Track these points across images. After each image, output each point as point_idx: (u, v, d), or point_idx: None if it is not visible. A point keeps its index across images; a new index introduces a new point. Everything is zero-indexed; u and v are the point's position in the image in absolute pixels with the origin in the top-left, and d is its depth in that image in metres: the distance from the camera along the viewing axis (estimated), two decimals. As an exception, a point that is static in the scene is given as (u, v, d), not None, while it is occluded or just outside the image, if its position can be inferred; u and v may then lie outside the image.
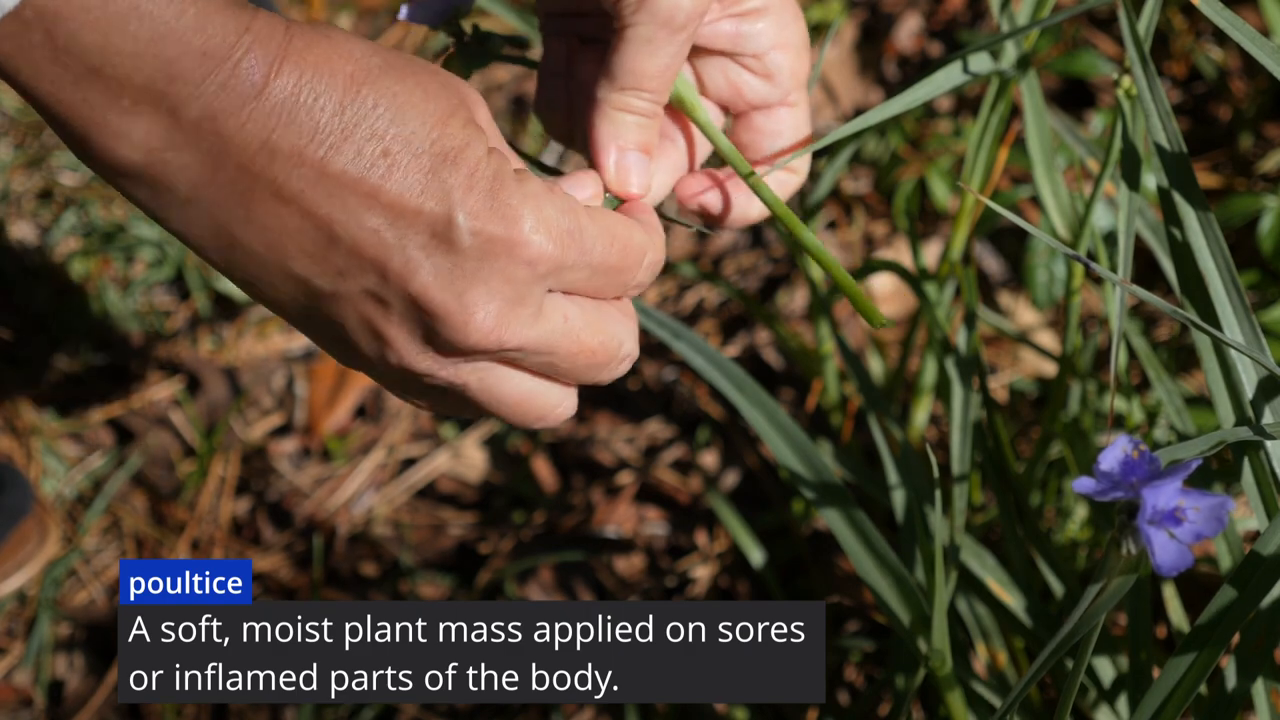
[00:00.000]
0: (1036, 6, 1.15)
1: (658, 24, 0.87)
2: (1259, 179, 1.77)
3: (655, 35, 0.87)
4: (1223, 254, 0.93)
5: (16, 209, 2.02)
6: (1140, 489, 0.75)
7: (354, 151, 0.75)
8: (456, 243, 0.77)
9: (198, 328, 1.93)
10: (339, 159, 0.75)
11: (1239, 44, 0.90)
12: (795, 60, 0.95)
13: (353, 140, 0.75)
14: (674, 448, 1.77)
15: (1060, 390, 1.31)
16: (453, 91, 0.79)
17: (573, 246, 0.80)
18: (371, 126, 0.76)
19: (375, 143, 0.76)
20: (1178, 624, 1.26)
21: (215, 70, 0.72)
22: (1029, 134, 1.20)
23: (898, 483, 1.21)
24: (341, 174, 0.75)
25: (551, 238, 0.78)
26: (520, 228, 0.77)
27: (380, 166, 0.76)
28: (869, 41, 2.05)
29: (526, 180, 0.79)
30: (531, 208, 0.78)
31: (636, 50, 0.88)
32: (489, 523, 1.76)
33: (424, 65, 0.79)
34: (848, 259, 1.87)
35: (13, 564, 1.72)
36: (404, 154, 0.76)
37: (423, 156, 0.77)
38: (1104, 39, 1.92)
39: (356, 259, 0.77)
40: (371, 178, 0.76)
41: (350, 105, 0.75)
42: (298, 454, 1.84)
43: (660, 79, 0.89)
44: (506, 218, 0.77)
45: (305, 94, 0.74)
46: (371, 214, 0.76)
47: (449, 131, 0.77)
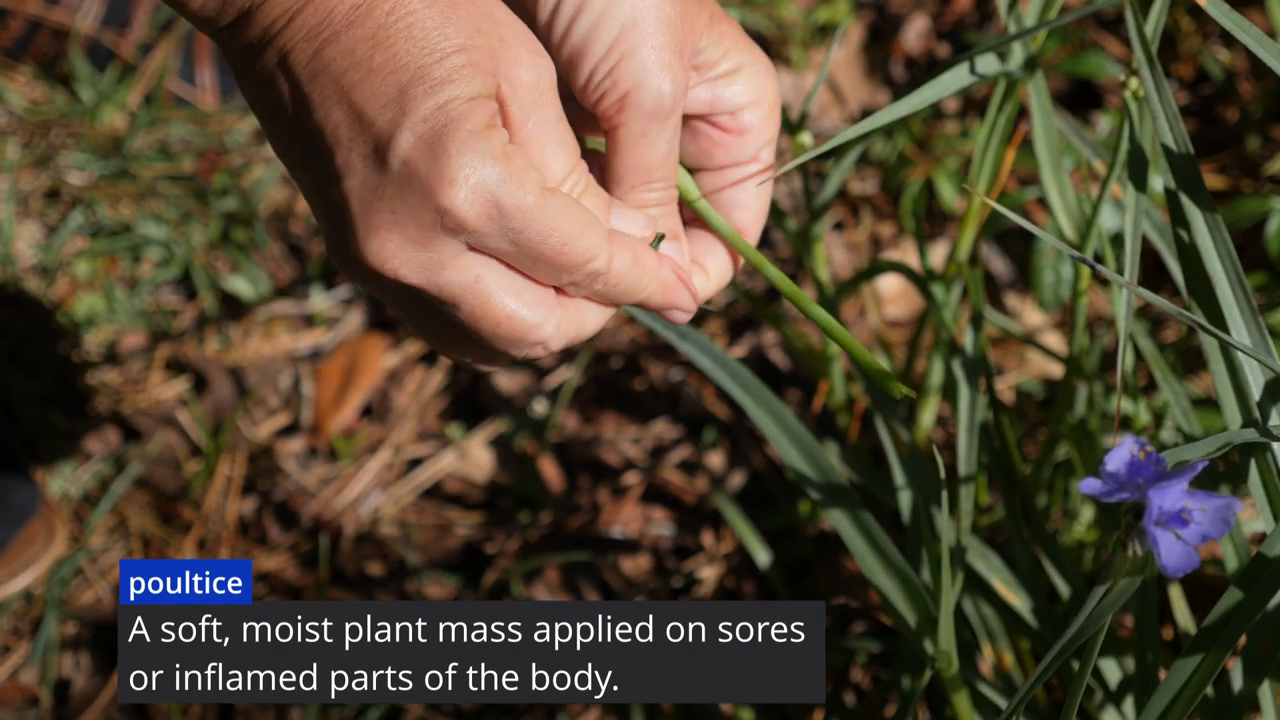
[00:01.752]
0: (1044, 8, 1.15)
1: (646, 117, 0.87)
2: (1266, 181, 1.77)
3: (647, 129, 0.87)
4: (1230, 256, 0.93)
5: (24, 208, 2.03)
6: (1146, 490, 0.75)
7: (349, 46, 0.78)
8: (388, 164, 0.79)
9: (204, 327, 1.93)
10: (333, 48, 0.78)
11: (1246, 46, 0.90)
12: (767, 117, 0.93)
13: (351, 35, 0.78)
14: (680, 448, 1.77)
15: (1067, 391, 1.31)
16: (489, 34, 0.80)
17: (496, 218, 0.80)
18: (373, 30, 0.78)
19: (367, 45, 0.78)
20: (1184, 626, 1.26)
21: None
22: (1036, 135, 1.20)
23: (904, 484, 1.20)
24: (330, 62, 0.79)
25: (472, 200, 0.79)
26: (444, 176, 0.78)
27: (362, 68, 0.78)
28: (876, 42, 2.05)
29: (487, 140, 0.79)
30: (468, 163, 0.79)
31: (632, 148, 0.88)
32: (495, 523, 1.76)
33: (488, 1, 0.81)
34: (854, 260, 1.87)
35: (20, 563, 1.72)
36: (387, 66, 0.78)
37: (402, 73, 0.79)
38: (1111, 40, 1.92)
39: (318, 144, 0.80)
40: (351, 76, 0.78)
41: (370, 5, 0.78)
42: (304, 454, 1.84)
43: (664, 167, 0.89)
44: (438, 161, 0.78)
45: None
46: (339, 108, 0.79)
47: (445, 62, 0.79)
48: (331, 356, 1.89)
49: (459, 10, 0.79)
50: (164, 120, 2.08)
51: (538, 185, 0.81)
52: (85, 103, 2.10)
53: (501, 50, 0.80)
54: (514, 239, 0.81)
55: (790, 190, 1.89)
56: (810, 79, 1.99)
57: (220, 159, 2.05)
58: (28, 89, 2.14)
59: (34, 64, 2.14)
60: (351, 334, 1.91)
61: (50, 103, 2.12)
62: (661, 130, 0.87)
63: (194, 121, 2.08)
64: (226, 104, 2.11)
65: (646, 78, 0.86)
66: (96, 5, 2.12)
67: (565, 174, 0.84)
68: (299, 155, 0.82)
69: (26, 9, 2.12)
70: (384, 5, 0.78)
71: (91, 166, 2.04)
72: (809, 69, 2.00)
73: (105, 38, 2.12)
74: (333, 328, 1.92)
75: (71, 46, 2.11)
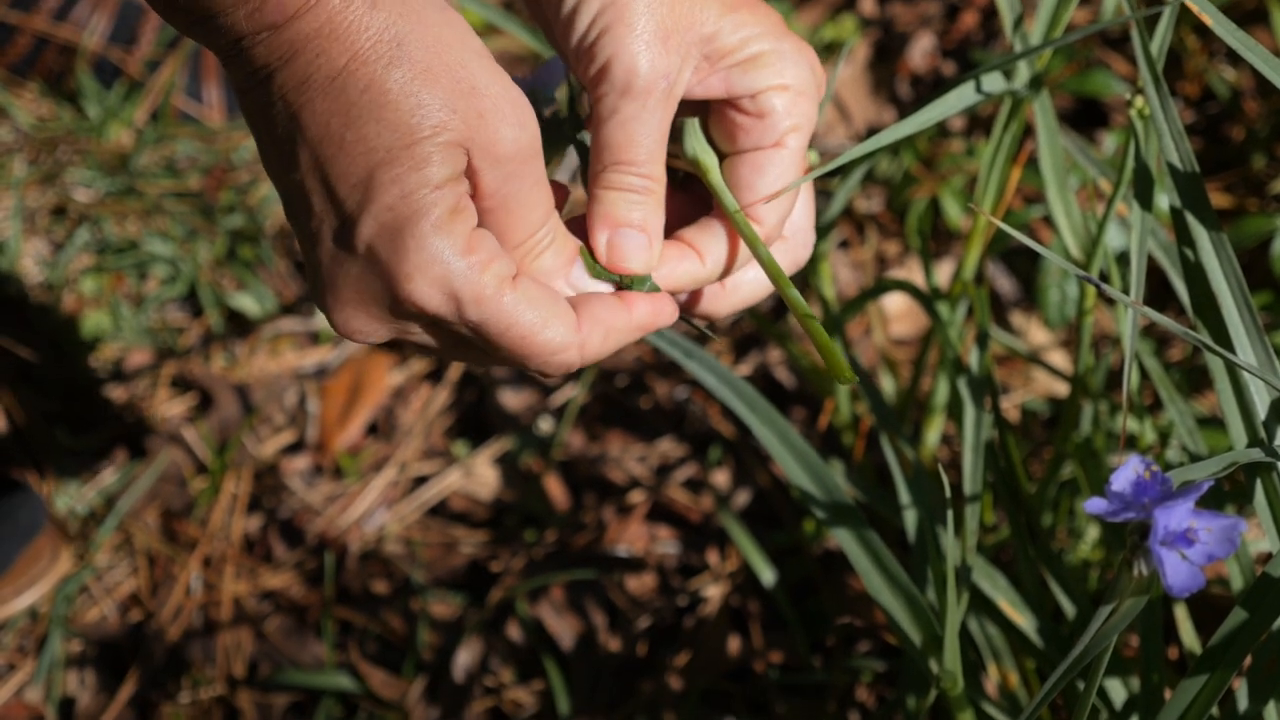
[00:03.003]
0: (1050, 26, 1.15)
1: (618, 93, 0.87)
2: (1272, 199, 1.77)
3: (618, 106, 0.87)
4: (1235, 275, 0.93)
5: (30, 225, 2.03)
6: (1152, 510, 0.75)
7: (323, 117, 0.79)
8: (353, 245, 0.81)
9: (210, 344, 1.93)
10: (309, 114, 0.79)
11: (1252, 64, 0.90)
12: (792, 102, 0.92)
13: (326, 105, 0.79)
14: (686, 466, 1.77)
15: (1073, 410, 1.31)
16: (465, 110, 0.80)
17: (455, 310, 0.82)
18: (346, 105, 0.79)
19: (340, 120, 0.79)
20: (1190, 646, 1.26)
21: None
22: (1042, 154, 1.20)
23: (909, 502, 1.20)
24: (306, 128, 0.79)
25: (430, 293, 0.81)
26: (402, 269, 0.80)
27: (334, 142, 0.79)
28: (882, 60, 2.05)
29: (448, 233, 0.80)
30: (427, 258, 0.80)
31: (605, 124, 0.88)
32: (501, 541, 1.76)
33: (470, 72, 0.80)
34: (860, 278, 1.87)
35: (25, 581, 1.72)
36: (357, 146, 0.79)
37: (371, 155, 0.79)
38: (1117, 58, 1.92)
39: (297, 199, 0.82)
40: (324, 149, 0.79)
41: (346, 76, 0.78)
42: (310, 471, 1.84)
43: (639, 149, 0.88)
44: (398, 253, 0.80)
45: (312, 50, 0.78)
46: (313, 176, 0.80)
47: (413, 149, 0.79)
48: (337, 374, 1.89)
49: (435, 87, 0.79)
50: (170, 137, 2.08)
51: (499, 278, 0.82)
52: (92, 119, 2.10)
53: (479, 125, 0.80)
54: (474, 329, 0.83)
55: (796, 208, 1.89)
56: (816, 97, 1.99)
57: (227, 176, 2.05)
58: (34, 105, 2.14)
59: (41, 80, 2.14)
60: (357, 351, 1.91)
61: (57, 119, 2.12)
62: (635, 110, 0.87)
63: (200, 138, 2.08)
64: (233, 121, 2.11)
65: (621, 53, 0.86)
66: (104, 22, 2.12)
67: (534, 229, 0.85)
68: (281, 198, 0.84)
69: (34, 25, 2.12)
70: (359, 79, 0.78)
71: (98, 183, 2.04)
72: (815, 87, 2.00)
73: (112, 54, 2.12)
74: (338, 345, 1.92)
75: (78, 63, 2.11)
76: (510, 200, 0.83)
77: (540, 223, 0.85)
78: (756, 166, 0.92)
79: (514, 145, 0.81)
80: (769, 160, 0.92)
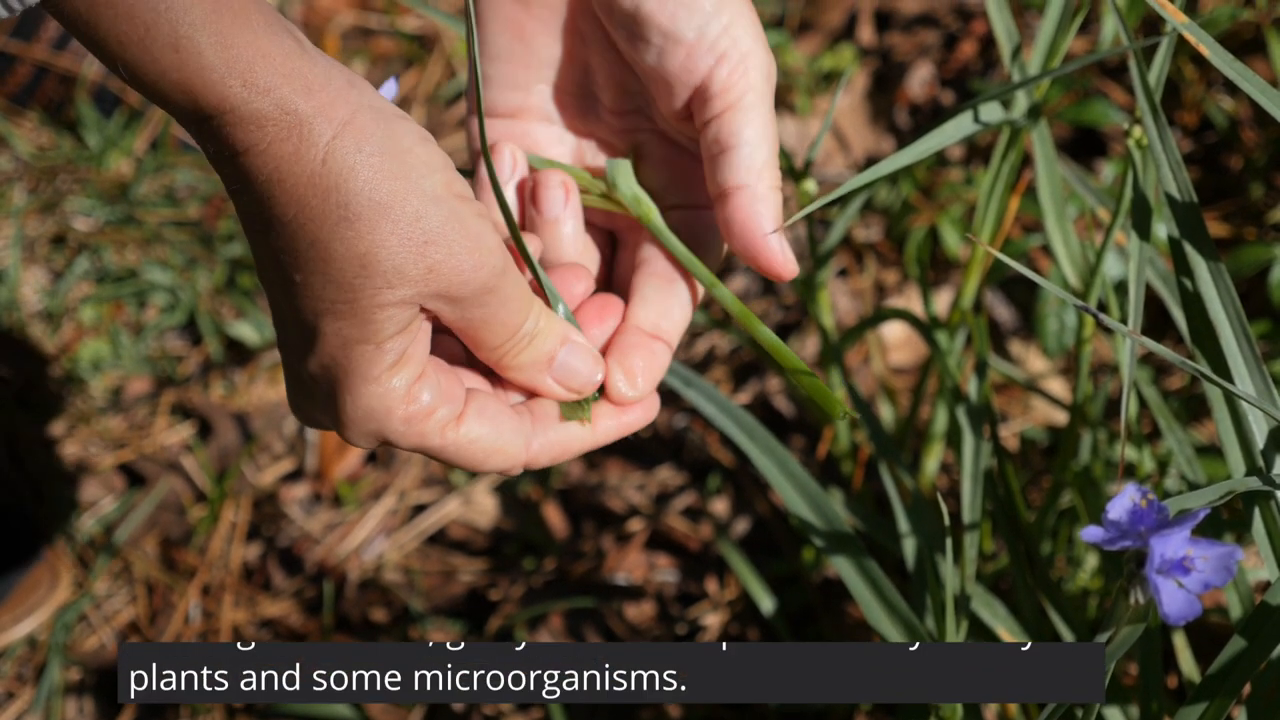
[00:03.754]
0: (1048, 56, 1.15)
1: (765, 79, 0.87)
2: (1270, 229, 1.77)
3: (766, 93, 0.87)
4: (1233, 304, 0.93)
5: (30, 253, 2.03)
6: (1148, 538, 0.75)
7: (273, 251, 0.79)
8: (302, 378, 0.82)
9: (209, 373, 1.93)
10: (263, 244, 0.79)
11: (1249, 95, 0.90)
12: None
13: (277, 242, 0.78)
14: (685, 495, 1.77)
15: (1071, 439, 1.31)
16: (417, 263, 0.78)
17: (391, 445, 0.84)
18: (294, 255, 0.78)
19: (290, 260, 0.78)
20: (1189, 674, 1.26)
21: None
22: (1040, 183, 1.20)
23: (908, 531, 1.20)
24: (259, 250, 0.79)
25: (370, 441, 0.84)
26: (341, 418, 0.82)
27: (284, 281, 0.79)
28: (881, 90, 2.05)
29: (386, 389, 0.81)
30: (363, 414, 0.82)
31: (756, 113, 0.87)
32: (500, 569, 1.76)
33: (423, 225, 0.78)
34: (859, 307, 1.87)
35: (24, 609, 1.72)
36: (304, 291, 0.79)
37: (318, 302, 0.79)
38: (1115, 88, 1.92)
39: (265, 290, 0.82)
40: (274, 275, 0.80)
41: (295, 228, 0.77)
42: (309, 500, 1.84)
43: (777, 139, 0.89)
44: (338, 402, 0.82)
45: (262, 191, 0.77)
46: (273, 290, 0.81)
47: (354, 304, 0.78)
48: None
49: (382, 249, 0.77)
50: (170, 166, 2.08)
51: (440, 425, 0.83)
52: (91, 148, 2.11)
53: (430, 279, 0.79)
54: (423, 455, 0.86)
55: (795, 237, 1.89)
56: (815, 126, 2.00)
57: (226, 205, 2.05)
58: (34, 135, 2.14)
59: (41, 110, 2.15)
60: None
61: (56, 148, 2.12)
62: (769, 94, 0.88)
63: (200, 168, 2.09)
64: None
65: (757, 42, 0.87)
66: (104, 52, 2.13)
67: (510, 334, 0.85)
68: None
69: (33, 54, 2.12)
70: (306, 234, 0.77)
71: (97, 212, 2.05)
72: (814, 116, 2.01)
73: (112, 84, 2.12)
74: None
75: (78, 92, 2.12)
76: (476, 323, 0.83)
77: (516, 327, 0.85)
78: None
79: (470, 286, 0.80)
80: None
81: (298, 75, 0.75)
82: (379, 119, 0.77)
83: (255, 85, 0.74)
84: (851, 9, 2.11)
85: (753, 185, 0.88)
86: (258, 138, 0.75)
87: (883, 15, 2.11)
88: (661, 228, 0.92)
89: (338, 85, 0.76)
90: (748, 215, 0.88)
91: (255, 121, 0.74)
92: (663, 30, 0.86)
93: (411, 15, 2.23)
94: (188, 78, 0.73)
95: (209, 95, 0.73)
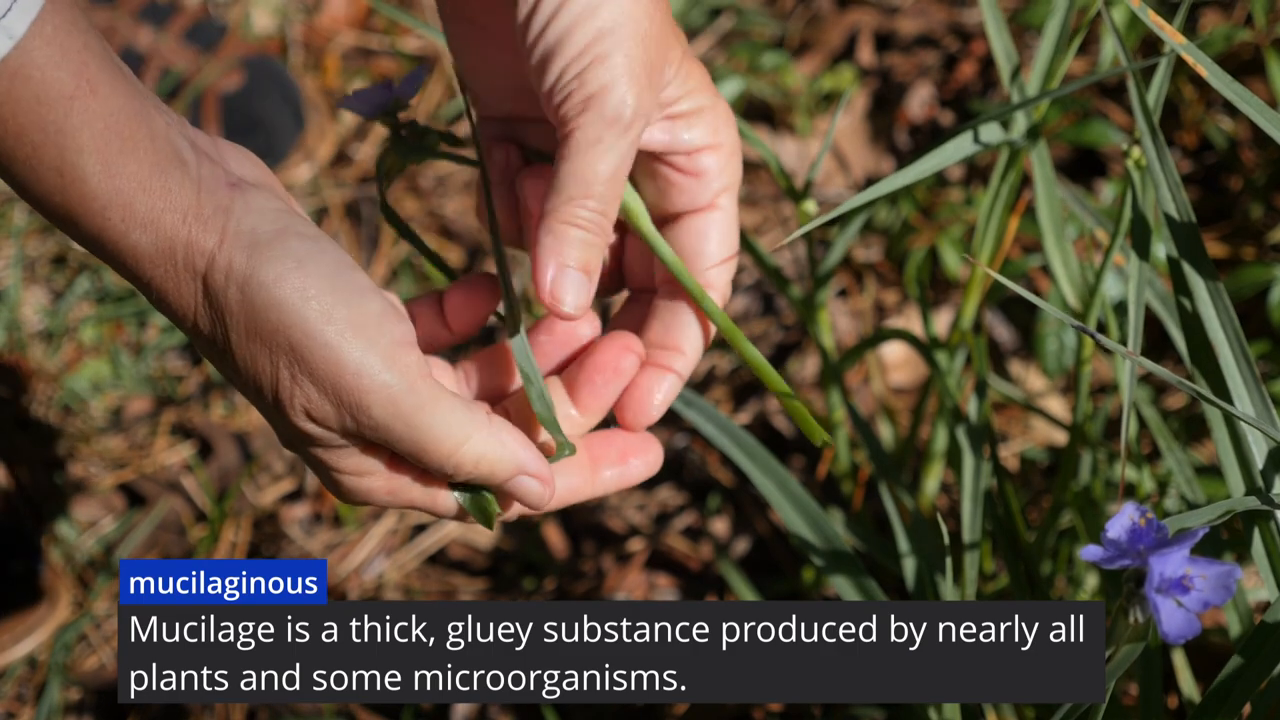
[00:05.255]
0: (1047, 77, 1.16)
1: (605, 123, 0.84)
2: (1270, 249, 1.77)
3: (603, 135, 0.84)
4: (1232, 324, 0.93)
5: (30, 274, 2.03)
6: (1147, 557, 0.75)
7: (207, 342, 0.80)
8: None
9: (210, 393, 1.93)
10: (200, 338, 0.80)
11: (1249, 116, 0.90)
12: (725, 163, 0.91)
13: (214, 343, 0.79)
14: (685, 515, 1.77)
15: (1071, 459, 1.31)
16: (329, 403, 0.79)
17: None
18: (215, 355, 0.80)
19: (228, 368, 0.81)
20: (1189, 694, 1.26)
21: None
22: (1039, 203, 1.21)
23: (908, 551, 1.20)
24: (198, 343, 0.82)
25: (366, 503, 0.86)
26: (339, 498, 0.86)
27: (226, 370, 0.81)
28: (880, 110, 2.06)
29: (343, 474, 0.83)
30: (364, 496, 0.85)
31: (583, 154, 0.84)
32: (499, 589, 1.76)
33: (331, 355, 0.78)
34: (859, 327, 1.87)
35: (23, 629, 1.72)
36: (235, 381, 0.81)
37: (262, 400, 0.81)
38: (1114, 108, 1.93)
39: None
40: (215, 358, 0.81)
41: (204, 342, 0.80)
42: (309, 519, 1.84)
43: (608, 184, 0.85)
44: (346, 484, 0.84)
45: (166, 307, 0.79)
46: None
47: (309, 431, 0.80)
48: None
49: (277, 379, 0.78)
50: (171, 186, 2.09)
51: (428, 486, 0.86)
52: (93, 169, 2.11)
53: (339, 413, 0.79)
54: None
55: (794, 257, 1.90)
56: (815, 146, 2.00)
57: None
58: (36, 155, 2.14)
59: (42, 130, 2.15)
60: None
61: (58, 169, 2.12)
62: (616, 141, 0.84)
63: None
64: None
65: (615, 83, 0.83)
66: (105, 72, 2.13)
67: (447, 457, 0.84)
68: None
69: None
70: (217, 347, 0.78)
71: (99, 232, 2.05)
72: (813, 136, 2.01)
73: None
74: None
75: (80, 113, 2.12)
76: (402, 453, 0.83)
77: (454, 449, 0.83)
78: (700, 233, 0.92)
79: (384, 416, 0.80)
80: (710, 225, 0.92)
81: (176, 208, 0.75)
82: (251, 250, 0.76)
83: (135, 218, 0.74)
84: (851, 29, 2.11)
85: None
86: (138, 270, 0.76)
87: (882, 36, 2.12)
88: (653, 234, 0.92)
89: (218, 213, 0.76)
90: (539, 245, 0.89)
91: (132, 255, 0.75)
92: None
93: (412, 36, 2.23)
94: (70, 203, 0.73)
95: (90, 223, 0.73)
